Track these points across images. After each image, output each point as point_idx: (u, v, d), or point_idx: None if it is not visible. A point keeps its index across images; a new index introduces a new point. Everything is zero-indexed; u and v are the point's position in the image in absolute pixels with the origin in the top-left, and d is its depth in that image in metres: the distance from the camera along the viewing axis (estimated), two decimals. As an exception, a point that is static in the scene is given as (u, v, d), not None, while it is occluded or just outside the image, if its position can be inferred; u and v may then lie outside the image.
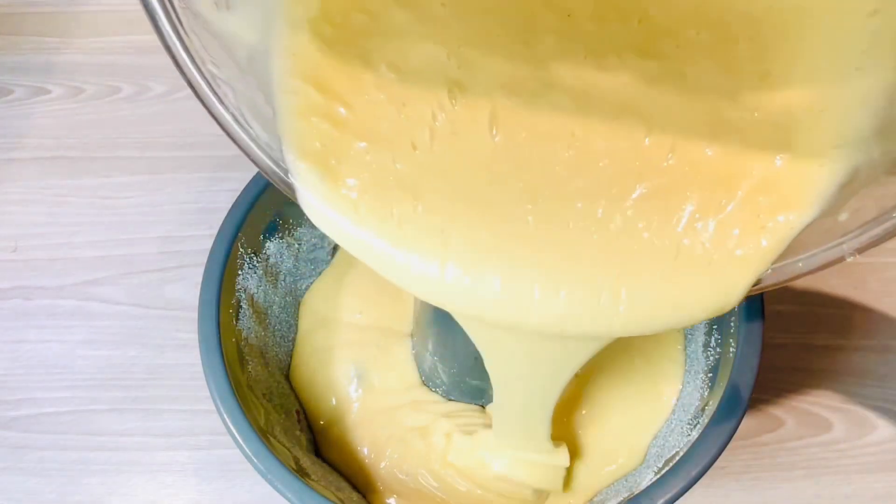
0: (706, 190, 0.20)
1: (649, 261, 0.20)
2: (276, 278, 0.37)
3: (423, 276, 0.20)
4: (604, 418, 0.35)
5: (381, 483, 0.34)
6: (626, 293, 0.20)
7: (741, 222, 0.20)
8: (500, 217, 0.20)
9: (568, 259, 0.20)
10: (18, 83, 0.50)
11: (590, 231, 0.19)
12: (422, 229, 0.20)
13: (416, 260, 0.20)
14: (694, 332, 0.36)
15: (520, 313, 0.20)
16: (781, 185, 0.19)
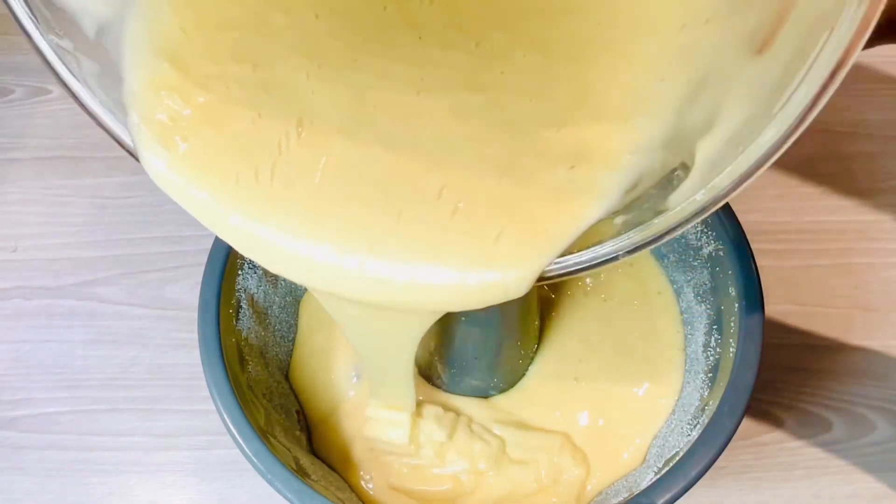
0: (501, 181, 0.21)
1: (448, 245, 0.21)
2: (276, 278, 0.37)
3: (250, 239, 0.22)
4: (604, 418, 0.35)
5: (372, 479, 0.34)
6: (416, 273, 0.21)
7: (532, 217, 0.21)
8: (316, 208, 0.22)
9: (362, 238, 0.21)
10: (18, 83, 0.50)
11: (390, 214, 0.21)
12: (254, 198, 0.22)
13: (244, 222, 0.22)
14: (694, 333, 0.36)
15: (325, 281, 0.22)
16: (574, 188, 0.21)
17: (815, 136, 0.47)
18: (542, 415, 0.35)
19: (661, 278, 0.38)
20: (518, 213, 0.21)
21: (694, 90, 0.20)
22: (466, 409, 0.35)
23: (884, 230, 0.43)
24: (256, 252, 0.22)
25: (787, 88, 0.18)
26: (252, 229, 0.22)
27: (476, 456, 0.34)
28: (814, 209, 0.44)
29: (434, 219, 0.21)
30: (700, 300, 0.35)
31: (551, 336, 0.36)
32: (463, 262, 0.21)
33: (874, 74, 0.49)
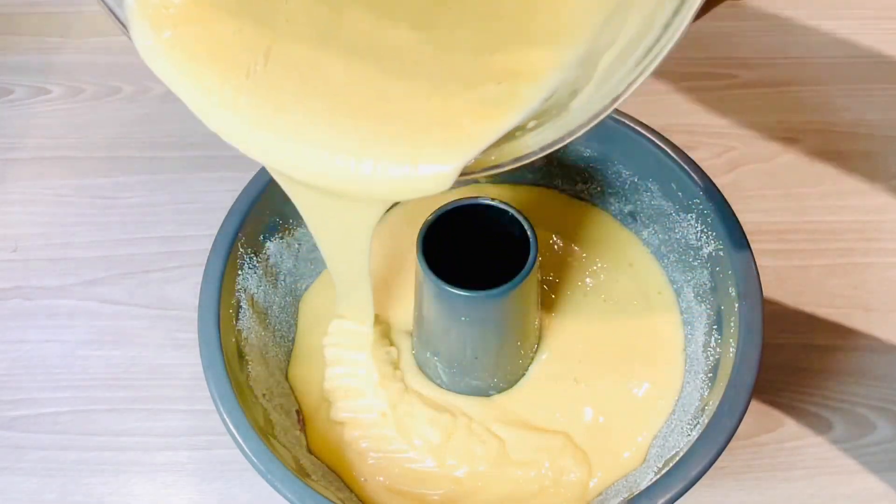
0: (447, 80, 0.25)
1: (385, 142, 0.25)
2: (276, 278, 0.37)
3: (220, 120, 0.26)
4: (604, 418, 0.35)
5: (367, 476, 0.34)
6: (356, 164, 0.25)
7: (463, 114, 0.24)
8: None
9: (314, 129, 0.25)
10: (18, 83, 0.50)
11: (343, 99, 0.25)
12: (227, 85, 0.25)
13: (216, 107, 0.25)
14: (694, 333, 0.36)
15: (285, 164, 0.26)
16: (500, 99, 0.24)
17: (815, 136, 0.47)
18: (543, 415, 0.35)
19: (661, 278, 0.38)
20: (448, 118, 0.24)
21: (609, 16, 0.24)
22: (466, 408, 0.35)
23: (884, 230, 0.43)
24: (225, 132, 0.26)
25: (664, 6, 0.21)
26: (222, 113, 0.25)
27: (476, 457, 0.34)
28: (814, 209, 0.44)
29: (374, 119, 0.25)
30: (700, 300, 0.36)
31: (551, 336, 0.36)
32: (397, 157, 0.24)
33: (874, 74, 0.49)
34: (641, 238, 0.39)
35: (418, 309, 0.34)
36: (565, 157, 0.39)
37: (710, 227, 0.34)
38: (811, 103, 0.48)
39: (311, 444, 0.34)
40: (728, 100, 0.48)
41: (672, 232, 0.37)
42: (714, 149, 0.46)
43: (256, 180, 0.35)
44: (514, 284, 0.30)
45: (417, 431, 0.34)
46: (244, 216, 0.34)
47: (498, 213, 0.32)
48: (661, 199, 0.37)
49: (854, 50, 0.50)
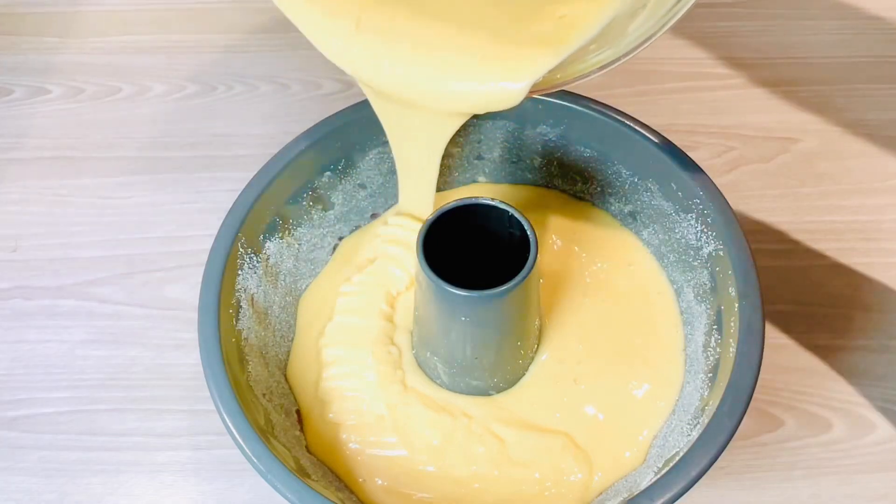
0: (523, 9, 0.30)
1: (457, 51, 0.30)
2: (276, 278, 0.37)
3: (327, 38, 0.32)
4: (605, 418, 0.35)
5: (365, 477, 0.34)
6: (444, 80, 0.30)
7: (532, 38, 0.29)
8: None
9: (413, 41, 0.30)
10: (18, 83, 0.50)
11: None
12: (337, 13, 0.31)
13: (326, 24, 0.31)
14: (694, 333, 0.36)
15: (378, 79, 0.32)
16: (572, 15, 0.28)
17: (815, 136, 0.47)
18: (543, 415, 0.35)
19: (661, 278, 0.38)
20: (519, 42, 0.29)
21: None
22: (466, 408, 0.35)
23: (883, 230, 0.43)
24: (333, 54, 0.32)
25: None
26: (333, 36, 0.31)
27: (476, 457, 0.34)
28: (814, 209, 0.44)
29: (456, 41, 0.30)
30: (700, 300, 0.36)
31: (551, 336, 0.36)
32: (476, 74, 0.30)
33: (874, 74, 0.49)
34: (641, 238, 0.39)
35: (418, 308, 0.34)
36: (565, 157, 0.39)
37: (710, 227, 0.34)
38: (811, 103, 0.48)
39: (310, 444, 0.34)
40: (728, 100, 0.48)
41: (672, 232, 0.37)
42: (714, 149, 0.46)
43: (256, 180, 0.35)
44: (515, 284, 0.30)
45: (417, 432, 0.34)
46: (244, 216, 0.35)
47: (498, 213, 0.32)
48: (661, 199, 0.37)
49: (854, 50, 0.50)
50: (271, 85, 0.49)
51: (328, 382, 0.36)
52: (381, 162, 0.39)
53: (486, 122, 0.38)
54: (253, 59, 0.51)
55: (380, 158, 0.39)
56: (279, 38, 0.51)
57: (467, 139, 0.39)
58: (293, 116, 0.48)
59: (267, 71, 0.50)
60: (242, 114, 0.48)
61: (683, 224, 0.36)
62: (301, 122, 0.38)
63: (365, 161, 0.39)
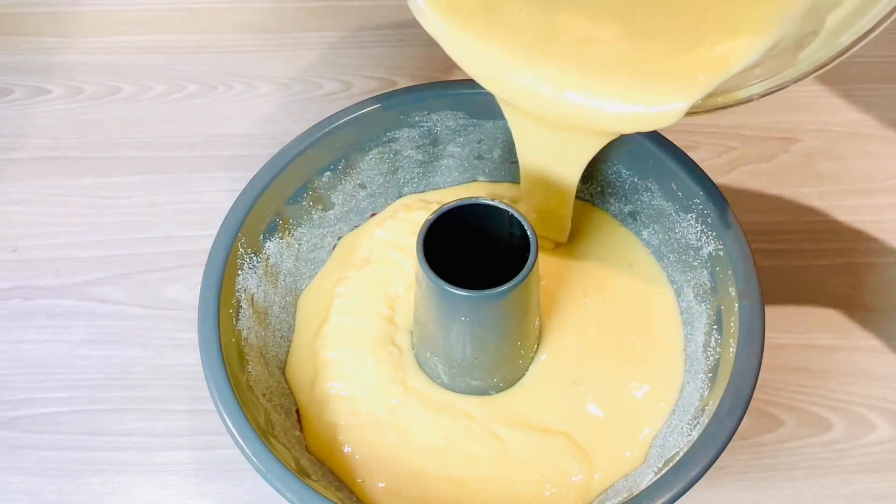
0: (682, 34, 0.30)
1: (623, 83, 0.29)
2: (276, 278, 0.37)
3: (486, 69, 0.31)
4: (605, 418, 0.35)
5: (364, 477, 0.34)
6: (602, 100, 0.30)
7: (692, 58, 0.29)
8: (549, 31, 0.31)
9: (569, 65, 0.30)
10: (18, 83, 0.50)
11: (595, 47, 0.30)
12: (493, 33, 0.31)
13: (482, 54, 0.31)
14: (694, 333, 0.36)
15: (531, 101, 0.31)
16: (731, 42, 0.28)
17: (815, 136, 0.47)
18: (543, 414, 0.35)
19: (661, 278, 0.38)
20: (679, 62, 0.29)
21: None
22: (466, 408, 0.35)
23: (884, 230, 0.43)
24: (484, 77, 0.31)
25: None
26: (484, 58, 0.31)
27: (476, 458, 0.34)
28: (814, 209, 0.44)
29: (618, 65, 0.30)
30: (700, 300, 0.36)
31: (551, 336, 0.36)
32: (634, 93, 0.29)
33: (874, 74, 0.49)
34: (641, 238, 0.39)
35: (418, 308, 0.34)
36: (565, 157, 0.39)
37: (710, 227, 0.34)
38: (811, 103, 0.48)
39: (309, 445, 0.34)
40: (728, 100, 0.48)
41: (672, 232, 0.37)
42: (714, 149, 0.46)
43: (256, 180, 0.35)
44: (514, 284, 0.30)
45: (416, 432, 0.34)
46: (244, 216, 0.35)
47: (498, 213, 0.32)
48: (661, 199, 0.37)
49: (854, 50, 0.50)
50: (271, 85, 0.50)
51: (327, 383, 0.36)
52: (381, 162, 0.39)
53: (486, 123, 0.38)
54: (253, 59, 0.51)
55: (380, 158, 0.39)
56: (279, 38, 0.52)
57: (468, 139, 0.39)
58: (293, 116, 0.48)
59: (267, 71, 0.50)
60: (242, 114, 0.48)
61: (683, 224, 0.36)
62: (301, 122, 0.38)
63: (365, 161, 0.39)
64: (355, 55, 0.51)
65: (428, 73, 0.49)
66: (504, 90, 0.32)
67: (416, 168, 0.40)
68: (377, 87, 0.49)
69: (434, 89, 0.38)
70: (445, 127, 0.39)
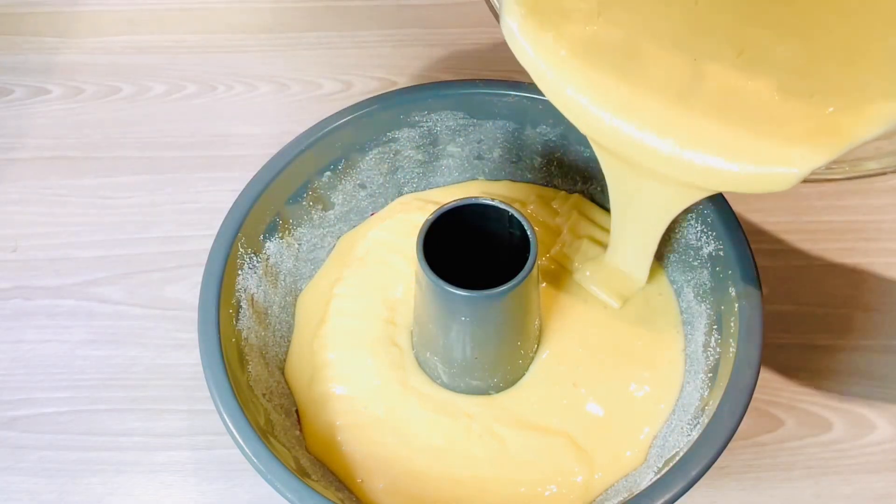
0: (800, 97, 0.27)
1: (738, 129, 0.27)
2: (276, 278, 0.37)
3: (583, 112, 0.29)
4: (605, 418, 0.35)
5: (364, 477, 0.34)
6: (708, 151, 0.27)
7: (819, 125, 0.26)
8: (649, 83, 0.28)
9: (680, 123, 0.28)
10: (18, 83, 0.50)
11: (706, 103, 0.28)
12: (589, 81, 0.28)
13: (579, 98, 0.29)
14: (694, 333, 0.36)
15: (637, 154, 0.29)
16: (850, 112, 0.26)
17: (815, 136, 0.47)
18: (544, 414, 0.35)
19: (661, 278, 0.38)
20: (800, 128, 0.27)
21: None
22: (466, 408, 0.35)
23: (884, 230, 0.43)
24: (580, 119, 0.29)
25: None
26: (583, 104, 0.29)
27: (476, 458, 0.34)
28: (814, 209, 0.44)
29: (730, 116, 0.27)
30: (700, 300, 0.36)
31: (551, 336, 0.36)
32: (753, 158, 0.27)
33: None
34: (641, 238, 0.39)
35: (418, 308, 0.34)
36: (565, 157, 0.39)
37: (710, 227, 0.34)
38: (811, 103, 0.48)
39: (309, 445, 0.34)
40: (728, 100, 0.48)
41: (672, 232, 0.37)
42: (714, 149, 0.46)
43: (256, 180, 0.35)
44: (514, 284, 0.30)
45: (416, 432, 0.34)
46: (244, 216, 0.35)
47: (498, 213, 0.32)
48: (661, 199, 0.37)
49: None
50: (271, 85, 0.50)
51: (326, 383, 0.36)
52: (381, 162, 0.39)
53: (486, 123, 0.38)
54: (253, 59, 0.51)
55: (380, 158, 0.39)
56: (279, 38, 0.52)
57: (468, 139, 0.39)
58: (293, 116, 0.48)
59: (267, 71, 0.50)
60: (242, 114, 0.48)
61: (683, 224, 0.36)
62: (301, 122, 0.38)
63: (365, 161, 0.39)
64: (355, 55, 0.51)
65: (428, 73, 0.49)
66: (611, 140, 0.29)
67: (416, 168, 0.40)
68: (377, 87, 0.49)
69: (434, 89, 0.38)
70: (445, 127, 0.39)
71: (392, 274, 0.38)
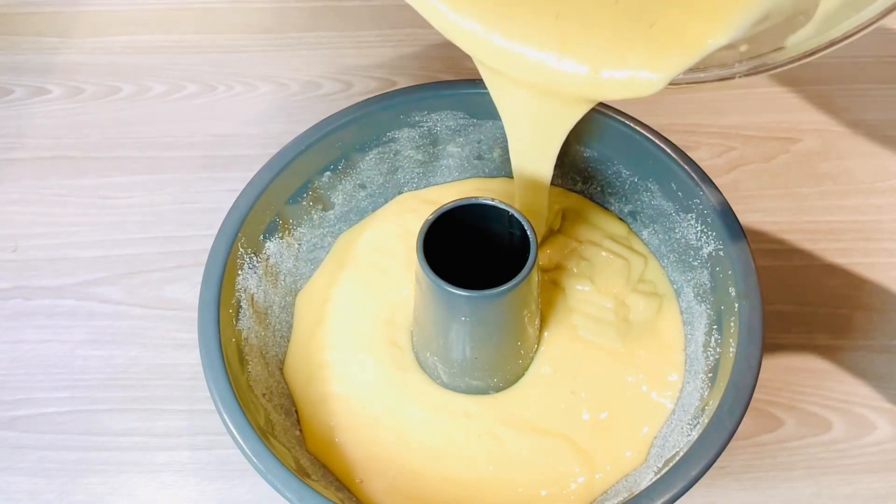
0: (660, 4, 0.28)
1: (594, 35, 0.28)
2: (276, 278, 0.37)
3: (461, 30, 0.30)
4: (605, 418, 0.35)
5: (363, 475, 0.34)
6: (575, 54, 0.28)
7: (678, 29, 0.27)
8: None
9: (553, 28, 0.29)
10: (18, 83, 0.50)
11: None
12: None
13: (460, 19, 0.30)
14: (694, 333, 0.36)
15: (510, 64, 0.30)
16: (715, 13, 0.27)
17: (815, 136, 0.47)
18: (544, 415, 0.35)
19: (662, 278, 0.38)
20: (664, 29, 0.27)
21: None
22: (466, 408, 0.35)
23: (884, 230, 0.43)
24: (458, 38, 0.30)
25: None
26: (459, 20, 0.30)
27: (475, 458, 0.34)
28: (814, 209, 0.44)
29: (595, 24, 0.28)
30: (700, 300, 0.36)
31: (552, 336, 0.36)
32: (614, 62, 0.28)
33: (874, 74, 0.49)
34: (641, 238, 0.39)
35: (418, 308, 0.34)
36: (565, 157, 0.39)
37: (710, 227, 0.34)
38: (811, 103, 0.48)
39: (308, 445, 0.34)
40: (728, 100, 0.48)
41: (672, 232, 0.37)
42: (714, 149, 0.46)
43: (256, 180, 0.35)
44: (514, 284, 0.30)
45: (415, 432, 0.34)
46: (244, 216, 0.35)
47: (498, 213, 0.32)
48: (661, 199, 0.37)
49: (854, 50, 0.50)
50: (271, 85, 0.50)
51: (326, 383, 0.36)
52: (381, 162, 0.39)
53: (486, 123, 0.38)
54: (253, 59, 0.51)
55: (380, 158, 0.39)
56: (279, 38, 0.52)
57: (467, 139, 0.39)
58: (293, 116, 0.48)
59: (267, 71, 0.50)
60: (242, 114, 0.48)
61: (683, 224, 0.36)
62: (301, 122, 0.38)
63: (365, 161, 0.39)
64: (355, 55, 0.51)
65: (428, 73, 0.49)
66: (485, 53, 0.30)
67: (415, 168, 0.40)
68: (377, 87, 0.49)
69: (434, 89, 0.38)
70: (445, 127, 0.39)
71: (391, 274, 0.38)
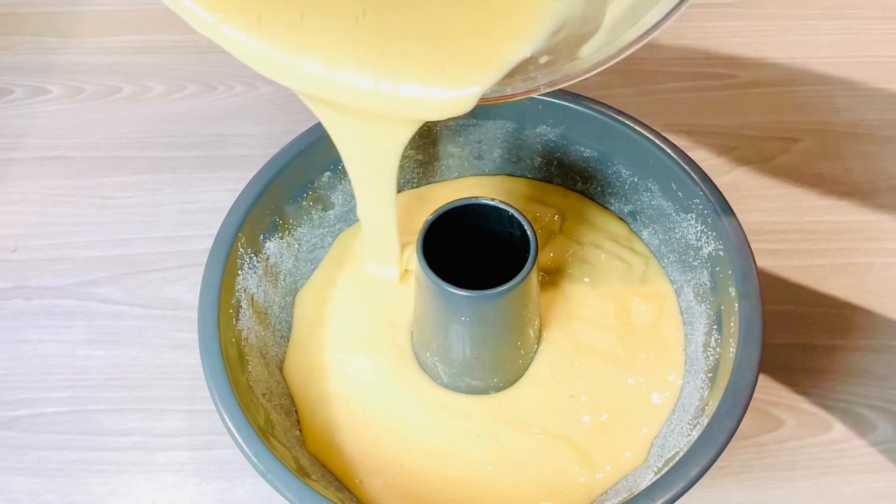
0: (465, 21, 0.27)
1: (408, 56, 0.27)
2: (276, 278, 0.37)
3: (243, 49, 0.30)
4: (605, 419, 0.35)
5: (363, 476, 0.34)
6: (383, 80, 0.27)
7: (476, 50, 0.26)
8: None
9: (351, 48, 0.27)
10: (18, 83, 0.50)
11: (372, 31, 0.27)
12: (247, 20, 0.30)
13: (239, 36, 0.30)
14: (694, 333, 0.36)
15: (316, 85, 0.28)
16: (512, 26, 0.26)
17: (815, 136, 0.47)
18: (544, 415, 0.35)
19: (662, 278, 0.38)
20: (466, 46, 0.26)
21: None
22: (466, 408, 0.35)
23: (884, 230, 0.43)
24: (250, 59, 0.31)
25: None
26: (245, 41, 0.30)
27: (475, 458, 0.34)
28: (814, 209, 0.44)
29: (397, 41, 0.27)
30: (700, 300, 0.36)
31: (552, 336, 0.36)
32: (422, 79, 0.26)
33: (874, 74, 0.49)
34: (641, 238, 0.39)
35: (418, 309, 0.34)
36: (565, 157, 0.39)
37: (710, 227, 0.34)
38: (811, 103, 0.48)
39: (308, 445, 0.34)
40: (728, 100, 0.48)
41: (672, 232, 0.37)
42: (714, 149, 0.46)
43: (256, 180, 0.35)
44: (514, 284, 0.30)
45: (415, 432, 0.34)
46: (244, 216, 0.35)
47: (498, 213, 0.32)
48: (661, 199, 0.37)
49: (854, 50, 0.50)
50: (271, 85, 0.49)
51: (326, 383, 0.36)
52: (381, 162, 0.39)
53: (486, 123, 0.38)
54: (253, 59, 0.51)
55: (380, 158, 0.39)
56: (279, 38, 0.51)
57: (467, 139, 0.39)
58: (293, 116, 0.48)
59: (267, 71, 0.50)
60: (242, 114, 0.48)
61: (683, 224, 0.36)
62: (301, 122, 0.38)
63: (365, 161, 0.39)
64: (355, 55, 0.51)
65: (428, 73, 0.49)
66: (294, 80, 0.30)
67: (415, 168, 0.40)
68: (377, 87, 0.49)
69: (434, 89, 0.38)
70: (445, 127, 0.39)
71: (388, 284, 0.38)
